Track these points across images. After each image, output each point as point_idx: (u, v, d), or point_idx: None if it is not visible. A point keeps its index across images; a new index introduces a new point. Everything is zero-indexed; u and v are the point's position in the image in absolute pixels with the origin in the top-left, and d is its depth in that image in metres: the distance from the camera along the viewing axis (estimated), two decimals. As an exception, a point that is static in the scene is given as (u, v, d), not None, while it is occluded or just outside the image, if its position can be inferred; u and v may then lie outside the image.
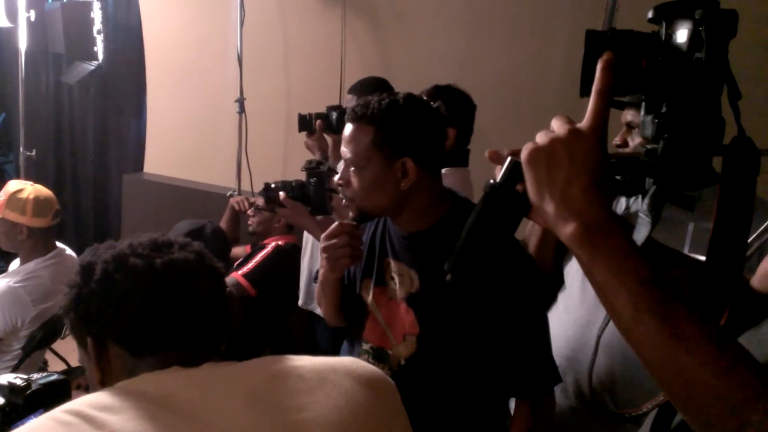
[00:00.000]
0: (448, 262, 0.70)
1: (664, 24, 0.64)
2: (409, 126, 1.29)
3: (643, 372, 0.59)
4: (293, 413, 0.75)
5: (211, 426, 0.71)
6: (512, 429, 1.35)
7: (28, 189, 2.31)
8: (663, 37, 0.64)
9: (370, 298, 1.43)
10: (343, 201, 1.39)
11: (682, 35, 0.62)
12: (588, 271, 0.61)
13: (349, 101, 2.42)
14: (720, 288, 0.65)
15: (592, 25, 0.66)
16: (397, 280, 1.38)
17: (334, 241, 1.34)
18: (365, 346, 1.43)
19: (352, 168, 1.32)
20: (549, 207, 0.62)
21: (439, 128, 1.36)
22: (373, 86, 2.45)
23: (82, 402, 0.71)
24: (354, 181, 1.32)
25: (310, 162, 2.22)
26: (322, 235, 1.37)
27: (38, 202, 2.29)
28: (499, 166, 0.68)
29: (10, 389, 0.96)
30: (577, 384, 1.45)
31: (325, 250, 1.36)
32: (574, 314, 1.49)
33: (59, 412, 0.70)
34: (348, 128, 1.33)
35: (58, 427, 0.68)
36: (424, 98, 2.01)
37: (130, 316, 0.81)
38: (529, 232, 1.58)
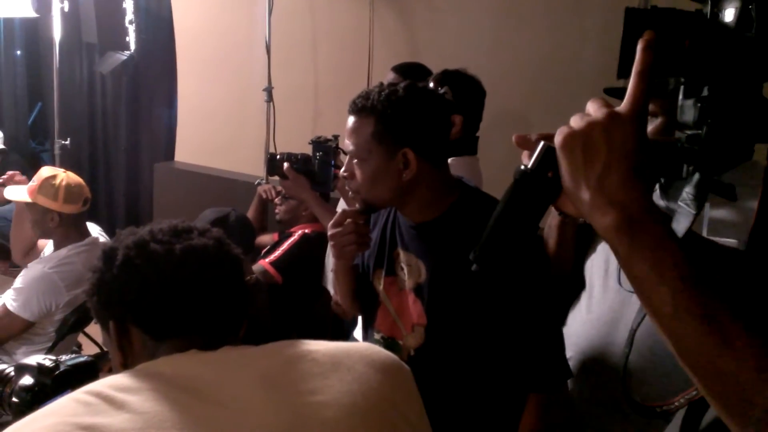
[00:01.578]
0: (474, 251, 0.67)
1: (709, 2, 0.61)
2: (409, 116, 1.28)
3: (674, 367, 0.57)
4: (306, 396, 0.76)
5: (227, 406, 0.73)
6: (522, 422, 1.35)
7: (61, 176, 2.36)
8: (708, 16, 0.60)
9: (381, 288, 1.44)
10: (350, 193, 1.39)
11: (729, 14, 0.59)
12: (626, 264, 0.58)
13: (393, 80, 2.40)
14: (761, 278, 0.63)
15: (627, 5, 0.63)
16: (405, 270, 1.38)
17: (339, 228, 1.35)
18: (377, 336, 1.45)
19: (355, 160, 1.32)
20: (585, 195, 0.59)
21: (441, 118, 1.34)
22: (417, 71, 2.44)
23: (102, 383, 0.73)
24: (357, 173, 1.32)
25: (319, 137, 2.19)
26: (329, 224, 1.38)
27: (70, 188, 2.34)
28: (526, 152, 0.64)
29: (39, 370, 0.99)
30: (604, 382, 1.43)
31: (331, 237, 1.37)
32: (597, 312, 1.46)
33: (80, 393, 0.72)
34: (350, 120, 1.32)
35: (79, 407, 0.70)
36: (431, 84, 2.00)
37: (150, 300, 0.83)
38: (546, 232, 1.55)
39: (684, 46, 0.60)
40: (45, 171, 2.39)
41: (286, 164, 1.98)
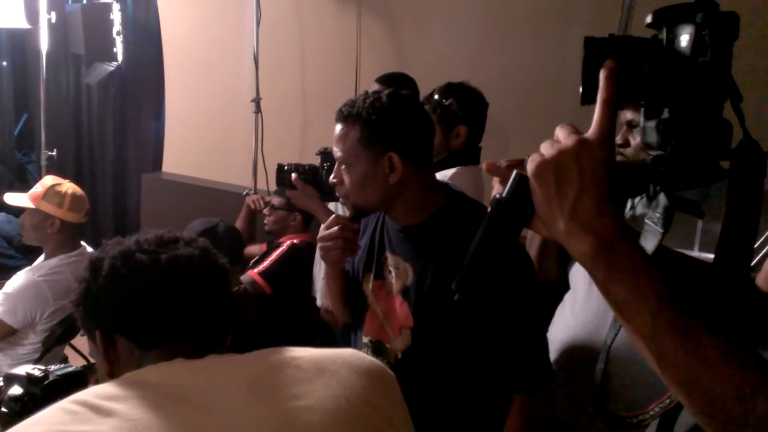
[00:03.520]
0: (455, 281, 0.68)
1: (664, 29, 0.63)
2: (393, 121, 1.32)
3: (650, 376, 0.59)
4: (291, 401, 0.77)
5: (212, 413, 0.74)
6: (507, 423, 1.36)
7: (66, 184, 2.39)
8: (664, 42, 0.63)
9: (369, 291, 1.46)
10: (340, 199, 1.42)
11: (684, 40, 0.61)
12: (603, 288, 0.60)
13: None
14: (728, 289, 0.65)
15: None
16: (393, 273, 1.41)
17: (326, 232, 1.38)
18: (365, 340, 1.46)
19: (343, 166, 1.36)
20: (559, 223, 0.60)
21: (424, 123, 1.38)
22: (401, 81, 2.47)
23: (88, 392, 0.74)
24: (346, 178, 1.36)
25: (326, 148, 2.22)
26: (321, 227, 1.41)
27: (75, 197, 2.36)
28: (497, 179, 0.66)
29: (29, 380, 1.00)
30: (586, 387, 1.45)
31: (319, 240, 1.40)
32: (582, 318, 1.48)
33: (66, 402, 0.73)
34: (337, 128, 1.36)
35: (65, 416, 0.70)
36: (436, 96, 2.03)
37: (136, 310, 0.84)
38: (530, 238, 1.57)
39: (643, 71, 0.62)
40: (49, 179, 2.41)
41: (294, 174, 2.01)
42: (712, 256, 0.66)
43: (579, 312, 1.49)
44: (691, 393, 0.56)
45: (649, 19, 0.64)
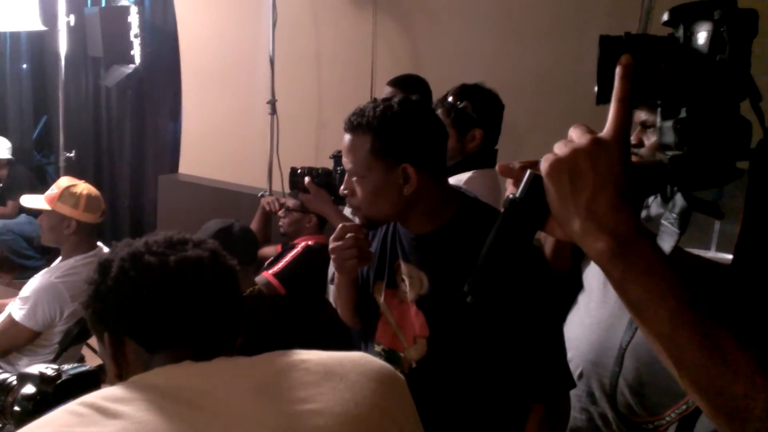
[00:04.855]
0: (468, 283, 0.68)
1: (681, 27, 0.62)
2: (406, 131, 1.28)
3: (667, 380, 0.58)
4: (298, 404, 0.77)
5: (219, 415, 0.74)
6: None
7: (81, 185, 2.39)
8: (681, 40, 0.62)
9: (381, 300, 1.43)
10: (351, 210, 1.40)
11: (702, 37, 0.60)
12: (619, 288, 0.58)
13: (390, 94, 2.42)
14: (749, 291, 0.64)
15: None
16: (407, 282, 1.38)
17: (340, 242, 1.35)
18: (377, 348, 1.44)
19: (354, 178, 1.32)
20: (575, 222, 0.59)
21: (437, 131, 1.35)
22: (414, 83, 2.46)
23: (95, 395, 0.74)
24: (358, 190, 1.32)
25: (339, 151, 2.23)
26: (331, 237, 1.38)
27: (90, 198, 2.37)
28: (510, 181, 0.65)
29: (41, 379, 1.00)
30: (602, 388, 1.43)
31: (332, 251, 1.37)
32: (597, 317, 1.47)
33: (74, 404, 0.73)
34: (346, 138, 1.32)
35: (72, 418, 0.70)
36: (450, 99, 2.02)
37: (144, 312, 0.83)
38: (544, 238, 1.56)
39: (660, 70, 0.61)
40: (64, 180, 2.42)
41: (307, 178, 2.01)
42: (729, 256, 0.64)
43: (594, 311, 1.48)
44: (710, 397, 0.54)
45: (665, 17, 0.63)
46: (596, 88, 0.62)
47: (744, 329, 0.54)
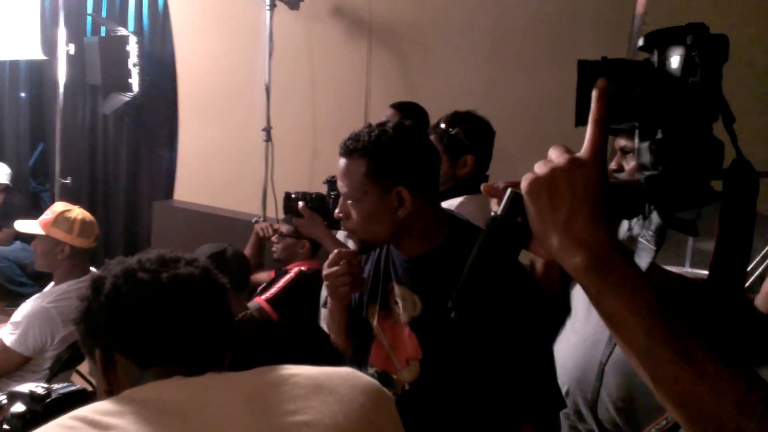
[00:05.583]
0: (451, 299, 0.69)
1: (656, 51, 0.64)
2: (400, 155, 1.30)
3: (647, 395, 0.59)
4: (288, 416, 0.77)
5: (209, 428, 0.74)
6: None
7: (76, 210, 2.40)
8: (656, 64, 0.64)
9: (374, 323, 1.43)
10: (345, 234, 1.41)
11: (675, 61, 0.62)
12: (596, 303, 0.60)
13: (390, 116, 2.47)
14: (723, 308, 0.65)
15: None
16: (400, 304, 1.39)
17: (333, 269, 1.35)
18: (370, 371, 1.44)
19: (350, 201, 1.34)
20: (553, 238, 0.61)
21: (431, 155, 1.37)
22: (413, 110, 2.50)
23: (86, 409, 0.75)
24: (353, 213, 1.33)
25: (333, 176, 2.24)
26: (325, 263, 1.38)
27: (84, 223, 2.38)
28: (495, 200, 0.67)
29: (31, 397, 1.01)
30: (587, 404, 1.44)
31: (325, 278, 1.37)
32: (582, 335, 1.48)
33: (65, 418, 0.73)
34: (341, 162, 1.34)
35: (64, 431, 0.71)
36: (443, 125, 2.05)
37: (136, 328, 0.84)
38: (534, 256, 1.58)
39: (635, 93, 0.63)
40: (59, 206, 2.43)
41: (301, 203, 2.02)
42: (704, 272, 0.66)
43: (579, 329, 1.49)
44: (685, 408, 0.55)
45: (641, 42, 0.66)
46: (575, 111, 0.64)
47: (718, 343, 0.56)
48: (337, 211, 1.39)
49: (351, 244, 2.14)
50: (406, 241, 1.36)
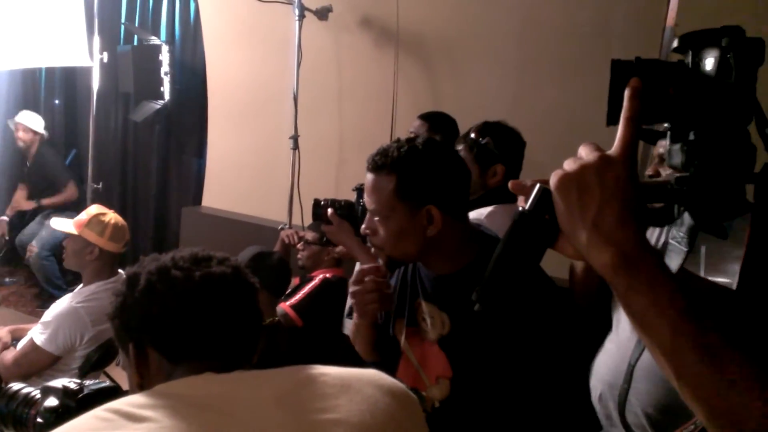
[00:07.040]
0: (476, 291, 0.69)
1: (690, 53, 0.64)
2: (430, 173, 1.27)
3: (676, 398, 0.58)
4: (317, 414, 0.78)
5: (243, 422, 0.75)
6: None
7: (110, 215, 2.46)
8: (690, 66, 0.64)
9: (403, 339, 1.41)
10: (372, 249, 1.39)
11: (709, 63, 0.62)
12: (624, 301, 0.60)
13: (418, 127, 2.47)
14: (753, 314, 0.65)
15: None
16: (428, 321, 1.37)
17: (360, 286, 1.33)
18: None
19: (377, 218, 1.31)
20: (581, 235, 0.61)
21: (461, 172, 1.34)
22: (442, 121, 2.51)
23: (120, 401, 0.76)
24: (380, 230, 1.31)
25: (361, 184, 2.24)
26: (350, 280, 1.37)
27: (116, 228, 2.44)
28: (523, 197, 0.67)
29: (64, 392, 1.03)
30: (617, 408, 1.43)
31: (353, 295, 1.35)
32: (616, 341, 1.48)
33: (100, 410, 0.75)
34: (369, 178, 1.31)
35: (99, 423, 0.72)
36: (473, 135, 2.05)
37: (169, 324, 0.87)
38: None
39: (668, 94, 0.63)
40: (94, 208, 2.50)
41: (330, 210, 2.03)
42: (719, 279, 0.65)
43: (614, 336, 1.49)
44: (708, 405, 0.55)
45: (675, 43, 0.66)
46: (607, 110, 0.64)
47: (743, 343, 0.55)
48: (363, 227, 1.37)
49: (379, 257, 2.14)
50: (435, 259, 1.34)
